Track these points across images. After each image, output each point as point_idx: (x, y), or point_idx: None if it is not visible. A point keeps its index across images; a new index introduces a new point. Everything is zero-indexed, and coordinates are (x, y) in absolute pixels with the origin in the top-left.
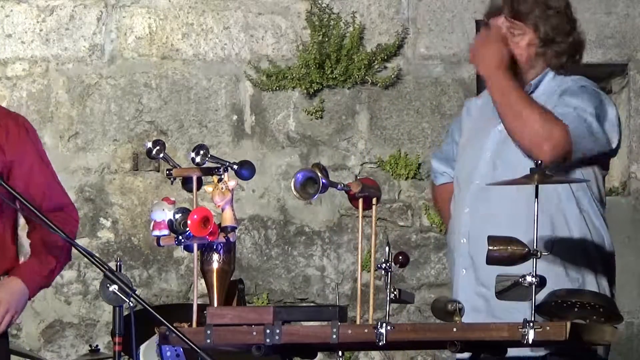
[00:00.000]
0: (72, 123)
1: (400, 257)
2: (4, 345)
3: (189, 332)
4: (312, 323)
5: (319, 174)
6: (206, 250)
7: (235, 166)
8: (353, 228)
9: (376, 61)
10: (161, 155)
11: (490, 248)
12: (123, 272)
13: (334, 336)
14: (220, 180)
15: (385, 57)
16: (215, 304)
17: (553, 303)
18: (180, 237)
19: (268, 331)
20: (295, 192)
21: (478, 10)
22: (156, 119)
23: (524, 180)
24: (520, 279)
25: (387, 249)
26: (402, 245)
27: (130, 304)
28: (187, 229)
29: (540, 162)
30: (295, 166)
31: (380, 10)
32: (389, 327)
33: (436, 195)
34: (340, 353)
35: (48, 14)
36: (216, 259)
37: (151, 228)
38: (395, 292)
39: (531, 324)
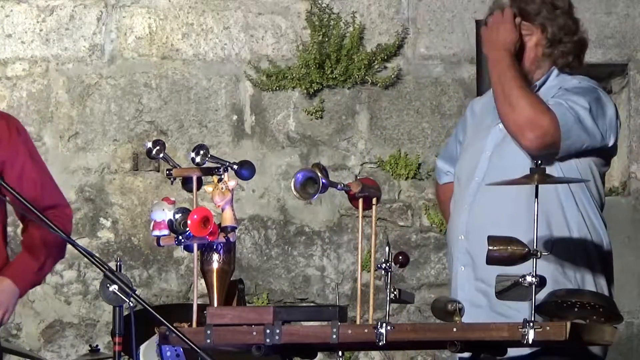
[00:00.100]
0: (72, 123)
1: (400, 257)
2: None
3: (189, 332)
4: (312, 323)
5: (319, 174)
6: (206, 250)
7: (235, 166)
8: (353, 228)
9: (376, 61)
10: (161, 155)
11: (490, 248)
12: (123, 272)
13: (334, 336)
14: (220, 180)
15: (385, 57)
16: (215, 304)
17: (553, 303)
18: (180, 237)
19: (268, 331)
20: (295, 192)
21: (478, 10)
22: (156, 119)
23: (524, 180)
24: (520, 279)
25: (387, 249)
26: (402, 245)
27: (130, 304)
28: (187, 229)
29: (540, 162)
30: (295, 166)
31: (380, 10)
32: (389, 327)
33: (440, 194)
34: (340, 353)
35: (48, 14)
36: (216, 259)
37: (151, 228)
38: (395, 292)
39: (531, 324)
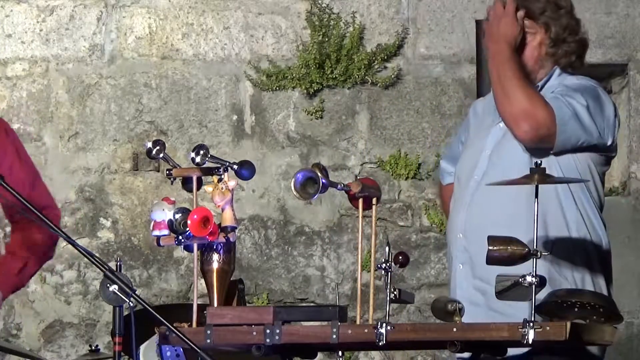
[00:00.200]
0: (72, 123)
1: (400, 257)
2: None
3: (189, 332)
4: (312, 323)
5: (319, 174)
6: (206, 250)
7: (235, 166)
8: (353, 228)
9: (376, 61)
10: (161, 155)
11: (490, 248)
12: (123, 272)
13: (334, 336)
14: (220, 180)
15: (385, 57)
16: (215, 304)
17: (553, 303)
18: (180, 237)
19: (268, 331)
20: (295, 192)
21: (478, 10)
22: (156, 119)
23: (524, 180)
24: (520, 279)
25: (387, 249)
26: (402, 245)
27: (130, 304)
28: (187, 229)
29: (540, 162)
30: (295, 166)
31: (380, 10)
32: (389, 327)
33: (443, 195)
34: (340, 353)
35: (48, 14)
36: (216, 259)
37: (151, 228)
38: (395, 292)
39: (531, 324)
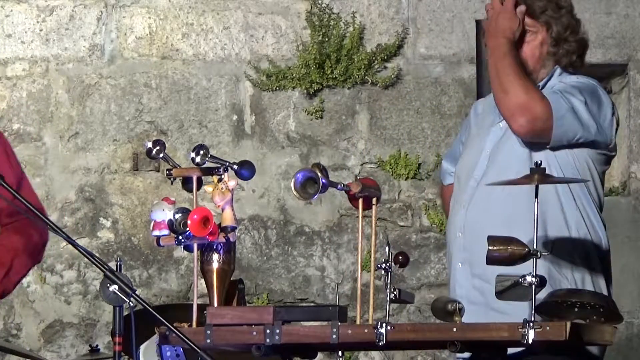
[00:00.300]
0: (72, 123)
1: (400, 257)
2: None
3: (189, 332)
4: (312, 323)
5: (319, 174)
6: (206, 250)
7: (235, 166)
8: (353, 228)
9: (376, 61)
10: (161, 155)
11: (490, 248)
12: (123, 272)
13: (334, 336)
14: (220, 180)
15: (385, 57)
16: (215, 304)
17: (553, 303)
18: (180, 237)
19: (268, 331)
20: (295, 192)
21: (478, 10)
22: (156, 119)
23: (524, 180)
24: (520, 279)
25: (387, 249)
26: (402, 245)
27: (130, 304)
28: (187, 229)
29: (540, 162)
30: (295, 166)
31: (380, 10)
32: (389, 327)
33: (444, 194)
34: (340, 353)
35: (48, 14)
36: (216, 259)
37: (151, 228)
38: (395, 292)
39: (531, 324)
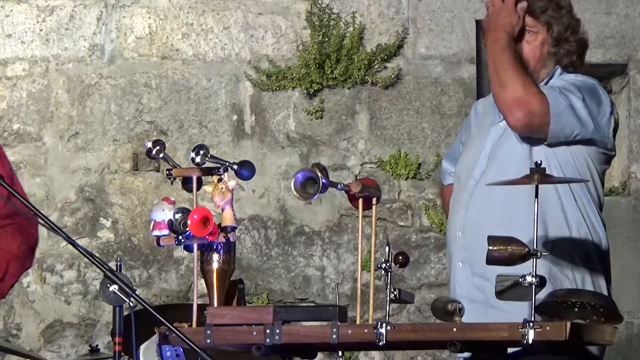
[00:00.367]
0: (72, 123)
1: (400, 257)
2: None
3: (189, 332)
4: (312, 323)
5: (319, 174)
6: (206, 250)
7: (235, 166)
8: (353, 228)
9: (376, 61)
10: (161, 155)
11: (490, 248)
12: (123, 272)
13: (334, 336)
14: (220, 180)
15: (385, 57)
16: (215, 304)
17: (553, 303)
18: (180, 237)
19: (268, 331)
20: (295, 192)
21: (478, 10)
22: (156, 119)
23: (524, 180)
24: (520, 279)
25: (387, 249)
26: (402, 245)
27: (130, 304)
28: (187, 229)
29: (540, 162)
30: (295, 166)
31: (380, 10)
32: (389, 327)
33: (443, 194)
34: (340, 353)
35: (48, 14)
36: (216, 259)
37: (151, 228)
38: (395, 292)
39: (531, 324)
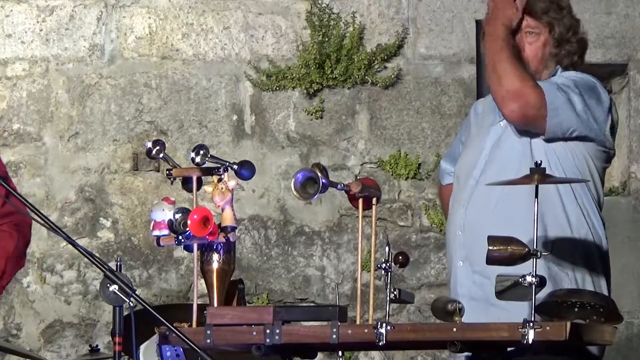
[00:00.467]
0: (72, 123)
1: (400, 257)
2: None
3: (189, 332)
4: (312, 323)
5: (319, 174)
6: (206, 250)
7: (235, 166)
8: (353, 228)
9: (376, 61)
10: (161, 155)
11: (490, 248)
12: (123, 272)
13: (334, 336)
14: (220, 180)
15: (385, 57)
16: (215, 304)
17: (553, 303)
18: (180, 237)
19: (268, 331)
20: (295, 192)
21: (478, 10)
22: (156, 119)
23: (524, 180)
24: (520, 279)
25: (387, 249)
26: (402, 245)
27: (130, 304)
28: (187, 229)
29: (540, 162)
30: (295, 166)
31: (380, 10)
32: (389, 327)
33: (442, 195)
34: (340, 353)
35: (48, 14)
36: (216, 259)
37: (151, 228)
38: (395, 292)
39: (531, 324)
